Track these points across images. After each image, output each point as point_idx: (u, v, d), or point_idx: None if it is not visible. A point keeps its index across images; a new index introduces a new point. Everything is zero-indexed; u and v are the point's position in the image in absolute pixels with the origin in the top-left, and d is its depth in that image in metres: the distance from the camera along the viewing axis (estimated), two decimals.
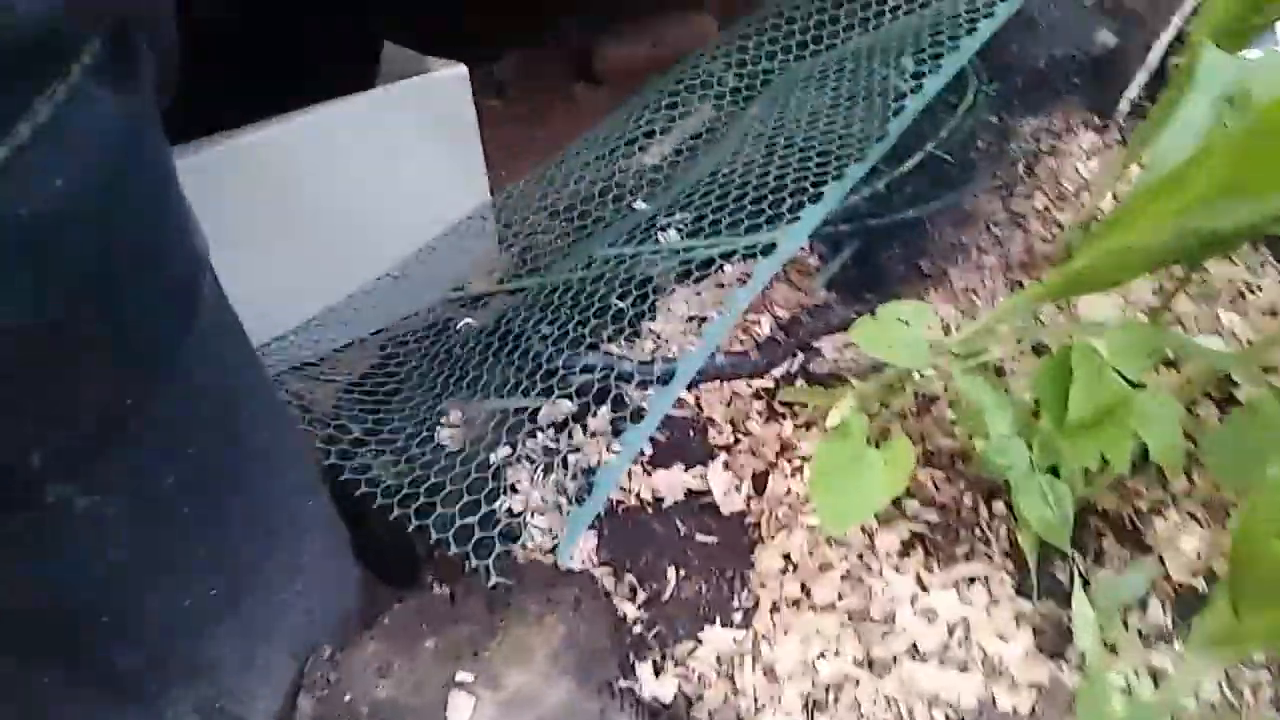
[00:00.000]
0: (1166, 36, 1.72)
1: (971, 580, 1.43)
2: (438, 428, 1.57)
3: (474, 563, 1.29)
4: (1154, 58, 1.74)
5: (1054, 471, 1.25)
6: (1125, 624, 1.34)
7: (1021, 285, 1.84)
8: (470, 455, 1.45)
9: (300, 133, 1.70)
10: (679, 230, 1.91)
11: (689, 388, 1.75)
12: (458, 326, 1.83)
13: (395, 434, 1.53)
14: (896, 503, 1.46)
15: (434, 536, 1.31)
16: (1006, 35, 1.97)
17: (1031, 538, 1.30)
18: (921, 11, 1.92)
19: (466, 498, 1.35)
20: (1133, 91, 1.71)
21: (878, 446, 1.34)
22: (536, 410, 1.59)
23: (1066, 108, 2.04)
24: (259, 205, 1.69)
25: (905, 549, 1.49)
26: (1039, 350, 1.69)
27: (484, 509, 1.35)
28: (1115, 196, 1.87)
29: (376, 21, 1.97)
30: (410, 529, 1.35)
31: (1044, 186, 1.98)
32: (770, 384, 1.76)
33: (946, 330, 1.76)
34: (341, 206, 1.81)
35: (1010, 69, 1.96)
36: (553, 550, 1.42)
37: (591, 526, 1.51)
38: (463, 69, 1.85)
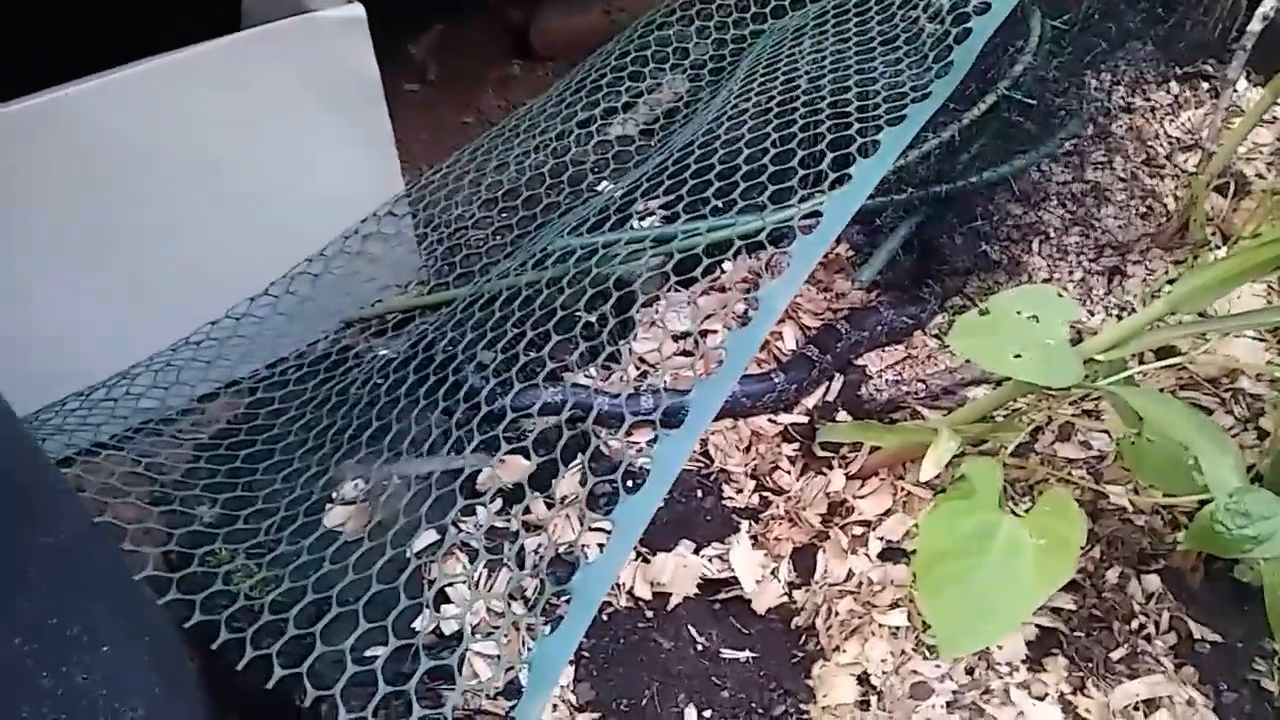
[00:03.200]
0: None
1: (1150, 706, 0.95)
2: (326, 506, 1.05)
3: None
4: None
5: None
6: None
7: (1121, 272, 1.39)
8: (374, 549, 0.93)
9: (129, 93, 1.20)
10: (663, 215, 1.43)
11: None
12: (363, 357, 1.32)
13: (259, 520, 1.00)
14: None
15: (309, 693, 0.80)
16: None
17: None
18: None
19: (364, 624, 0.84)
20: (1258, 21, 1.28)
21: (1016, 511, 0.85)
22: (475, 473, 1.08)
23: (1139, 51, 1.61)
24: (75, 195, 1.19)
25: (1037, 656, 1.00)
26: (1161, 356, 1.23)
27: (392, 642, 0.83)
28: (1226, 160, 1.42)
29: None
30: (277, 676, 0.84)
31: (1126, 149, 1.53)
32: (803, 418, 1.27)
33: None
34: (195, 198, 1.30)
35: (1070, 0, 1.53)
36: (504, 696, 0.91)
37: None
38: (358, 8, 1.35)
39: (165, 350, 1.33)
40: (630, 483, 1.13)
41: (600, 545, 1.09)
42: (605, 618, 1.05)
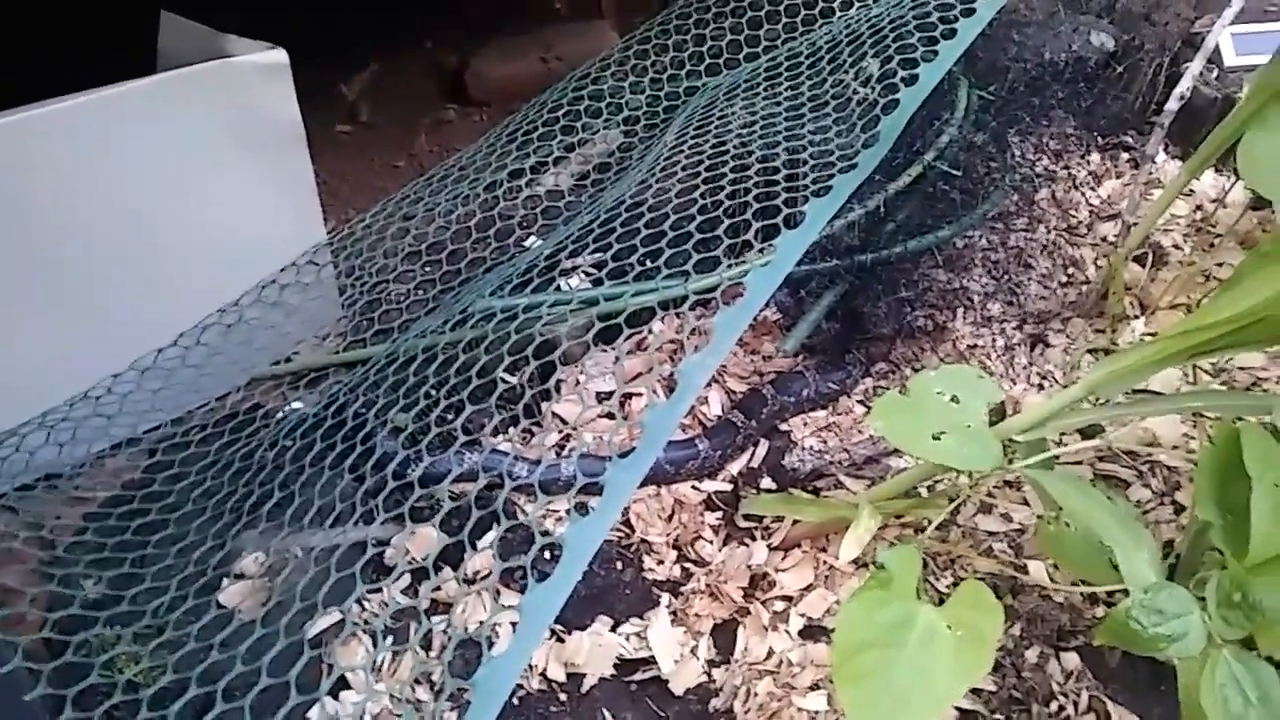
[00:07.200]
0: (1222, 28, 1.33)
1: None
2: (222, 582, 1.00)
3: None
4: (1207, 49, 1.34)
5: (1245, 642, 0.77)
6: None
7: (1043, 341, 1.40)
8: (270, 634, 0.88)
9: (41, 131, 1.14)
10: (587, 275, 1.40)
11: None
12: (273, 416, 1.26)
13: (148, 599, 0.94)
14: None
15: None
16: (992, 33, 1.57)
17: None
18: (868, 11, 1.49)
19: None
20: (1175, 100, 1.31)
21: (936, 600, 0.84)
22: (383, 546, 1.04)
23: (1062, 122, 1.65)
24: None
25: None
26: (1086, 436, 1.23)
27: None
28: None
29: None
30: None
31: (1048, 218, 1.56)
32: (727, 485, 1.25)
33: None
34: (105, 243, 1.25)
35: (996, 72, 1.55)
36: None
37: None
38: (280, 54, 1.31)
39: (61, 406, 1.27)
40: (547, 554, 1.09)
41: (514, 624, 1.05)
42: (516, 701, 1.01)
